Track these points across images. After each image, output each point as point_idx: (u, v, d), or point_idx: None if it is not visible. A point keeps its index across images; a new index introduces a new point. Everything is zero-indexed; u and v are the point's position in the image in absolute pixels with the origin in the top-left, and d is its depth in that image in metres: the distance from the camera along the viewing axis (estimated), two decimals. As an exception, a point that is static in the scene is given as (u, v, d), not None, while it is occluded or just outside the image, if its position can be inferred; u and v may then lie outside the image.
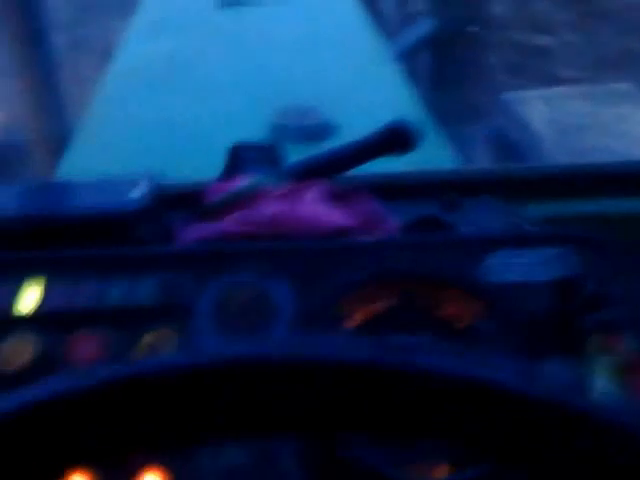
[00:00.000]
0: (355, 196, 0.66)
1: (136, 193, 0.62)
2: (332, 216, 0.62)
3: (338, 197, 0.66)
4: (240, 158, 0.78)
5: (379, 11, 2.73)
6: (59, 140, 1.87)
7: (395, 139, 0.69)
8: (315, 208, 0.62)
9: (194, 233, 0.63)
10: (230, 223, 0.62)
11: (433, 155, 1.22)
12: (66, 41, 2.92)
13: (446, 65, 2.36)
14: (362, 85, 1.56)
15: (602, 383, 0.48)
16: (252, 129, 1.36)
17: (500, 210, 0.79)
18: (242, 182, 0.66)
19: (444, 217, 0.77)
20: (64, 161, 1.26)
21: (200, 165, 0.84)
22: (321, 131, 1.37)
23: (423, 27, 2.32)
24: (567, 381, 0.49)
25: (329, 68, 1.63)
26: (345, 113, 1.42)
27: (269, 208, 0.63)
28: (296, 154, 1.36)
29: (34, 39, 2.27)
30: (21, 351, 0.52)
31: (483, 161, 2.18)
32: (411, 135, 0.69)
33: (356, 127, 1.39)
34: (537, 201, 0.83)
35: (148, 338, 0.52)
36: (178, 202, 0.70)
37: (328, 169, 0.71)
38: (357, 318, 0.54)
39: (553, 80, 2.90)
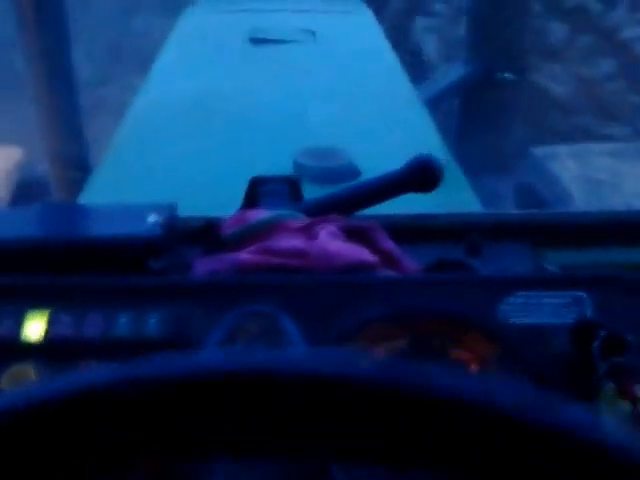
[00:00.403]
0: (373, 234, 0.65)
1: (153, 221, 0.62)
2: (351, 250, 0.61)
3: (356, 234, 0.65)
4: (259, 191, 0.78)
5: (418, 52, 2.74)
6: (81, 176, 1.89)
7: (419, 175, 0.68)
8: (334, 242, 0.61)
9: (209, 265, 0.62)
10: (246, 255, 0.61)
11: (456, 199, 1.21)
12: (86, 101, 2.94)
13: (478, 112, 2.35)
14: (388, 128, 1.56)
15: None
16: (274, 168, 1.36)
17: (523, 256, 0.77)
18: (260, 215, 0.66)
19: (466, 261, 0.76)
20: (85, 194, 1.27)
21: (219, 201, 0.84)
22: (344, 173, 1.36)
23: (455, 72, 2.32)
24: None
25: (355, 109, 1.63)
26: (369, 156, 1.41)
27: (287, 241, 0.62)
28: (317, 196, 1.37)
29: (58, 71, 2.32)
30: (24, 380, 0.51)
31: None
32: (436, 172, 0.68)
33: (379, 171, 1.39)
34: (561, 248, 0.82)
35: None
36: (194, 236, 0.69)
37: (349, 205, 0.70)
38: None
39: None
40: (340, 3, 2.86)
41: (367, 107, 1.65)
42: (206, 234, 0.66)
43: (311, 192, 1.33)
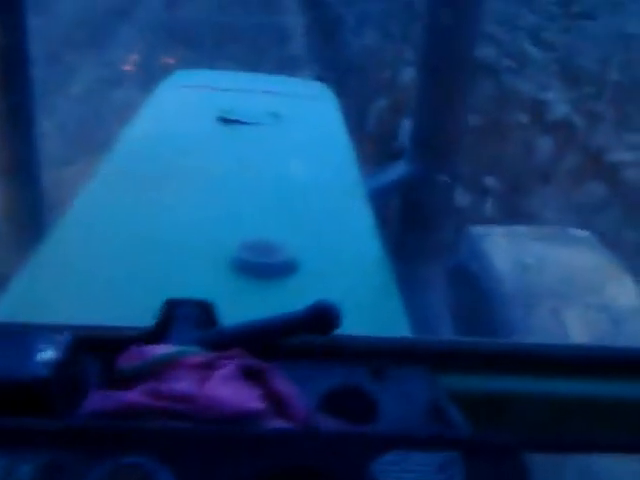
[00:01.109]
0: (268, 375, 0.66)
1: (44, 360, 0.62)
2: (240, 398, 0.61)
3: (251, 374, 0.66)
4: (172, 315, 0.79)
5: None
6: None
7: (317, 320, 0.69)
8: (224, 387, 0.62)
9: (99, 402, 0.62)
10: (137, 395, 0.62)
11: (386, 318, 1.23)
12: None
13: (417, 207, 2.46)
14: (330, 224, 1.59)
15: None
16: (214, 262, 1.37)
17: (425, 382, 0.79)
18: (158, 351, 0.66)
19: (367, 387, 0.78)
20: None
21: (144, 302, 0.84)
22: (281, 269, 1.38)
23: (398, 170, 2.42)
24: None
25: (302, 201, 1.66)
26: (310, 252, 1.44)
27: (179, 383, 0.63)
28: (257, 290, 1.37)
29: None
30: None
31: (444, 296, 2.23)
32: (333, 319, 0.70)
33: (318, 267, 1.41)
34: (462, 374, 0.84)
35: None
36: (100, 351, 0.70)
37: (250, 340, 0.72)
38: None
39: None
40: (307, 87, 2.94)
41: (313, 199, 1.68)
42: (104, 367, 0.66)
43: (251, 287, 1.35)
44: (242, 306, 1.29)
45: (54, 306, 1.16)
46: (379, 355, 0.80)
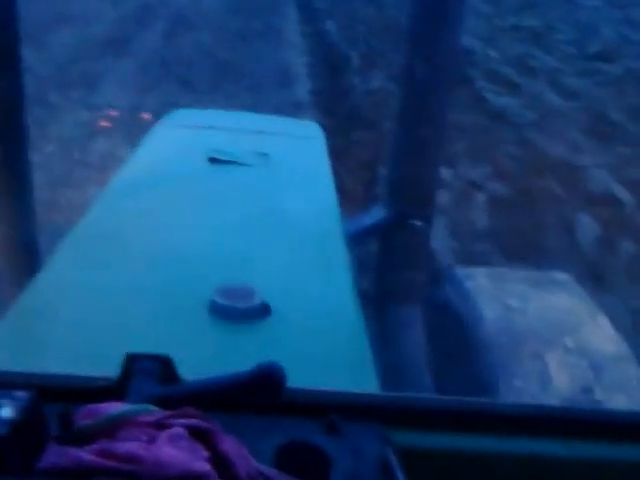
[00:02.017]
0: (213, 435, 0.69)
1: (6, 413, 0.65)
2: (184, 459, 0.65)
3: (199, 434, 0.69)
4: (133, 369, 0.83)
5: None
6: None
7: (263, 383, 0.73)
8: (169, 448, 0.65)
9: (54, 458, 0.66)
10: (88, 454, 0.65)
11: (354, 367, 1.27)
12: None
13: (393, 250, 2.51)
14: (307, 268, 1.63)
15: None
16: (188, 305, 1.41)
17: (375, 437, 0.82)
18: (112, 409, 0.70)
19: (319, 441, 0.81)
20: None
21: (117, 347, 0.88)
22: (255, 313, 1.42)
23: (376, 215, 2.48)
24: None
25: (278, 247, 1.70)
26: (285, 296, 1.48)
27: (128, 443, 0.66)
28: (229, 333, 1.41)
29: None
30: None
31: (421, 336, 2.26)
32: (278, 382, 0.73)
33: (291, 311, 1.45)
34: (415, 431, 0.87)
35: None
36: (60, 402, 0.73)
37: (199, 399, 0.75)
38: None
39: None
40: (298, 126, 3.00)
41: (293, 242, 1.73)
42: (63, 418, 0.70)
43: (225, 330, 1.39)
44: (216, 349, 1.34)
45: (28, 351, 1.20)
46: (331, 410, 0.83)
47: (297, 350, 1.29)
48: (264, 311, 1.43)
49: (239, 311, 1.41)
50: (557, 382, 2.21)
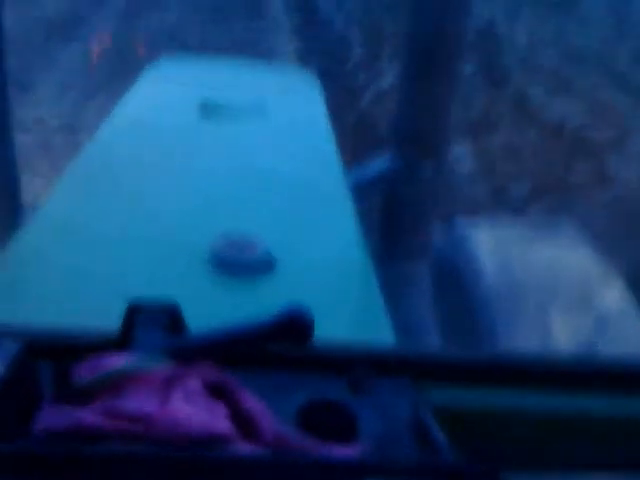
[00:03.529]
0: (234, 391, 0.60)
1: None
2: (203, 419, 0.56)
3: (218, 390, 0.60)
4: (136, 320, 0.73)
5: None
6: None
7: (289, 329, 0.64)
8: (186, 407, 0.56)
9: (51, 418, 0.56)
10: (90, 414, 0.56)
11: (368, 321, 1.18)
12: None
13: (399, 202, 2.41)
14: (311, 220, 1.54)
15: None
16: (188, 258, 1.31)
17: (406, 395, 0.74)
18: (117, 362, 0.61)
19: (346, 400, 0.73)
20: None
21: (113, 301, 0.78)
22: (259, 266, 1.33)
23: (381, 164, 2.37)
24: None
25: (281, 197, 1.60)
26: (289, 248, 1.38)
27: (138, 401, 0.57)
28: (232, 288, 1.32)
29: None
30: None
31: (428, 293, 2.17)
32: (306, 327, 0.64)
33: (296, 264, 1.36)
34: (444, 386, 0.79)
35: None
36: (55, 358, 0.64)
37: (217, 350, 0.66)
38: None
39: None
40: (292, 76, 2.87)
41: (294, 194, 1.62)
42: (60, 375, 0.60)
43: (226, 285, 1.29)
44: (217, 305, 1.24)
45: (20, 301, 1.10)
46: (358, 365, 0.75)
47: (306, 305, 1.20)
48: (268, 263, 1.33)
49: (241, 264, 1.31)
50: (559, 335, 2.16)
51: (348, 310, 1.21)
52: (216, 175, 1.68)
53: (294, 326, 0.63)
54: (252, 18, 8.00)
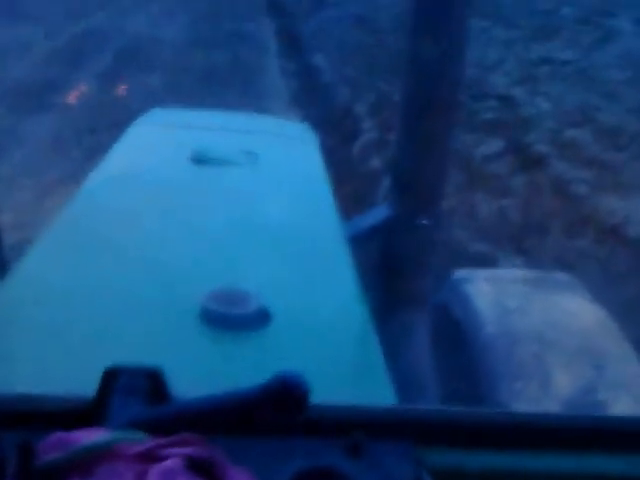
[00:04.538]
0: (220, 467, 0.53)
1: None
2: None
3: (200, 466, 0.53)
4: (113, 386, 0.66)
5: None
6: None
7: (283, 399, 0.56)
8: None
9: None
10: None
11: (367, 378, 1.11)
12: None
13: (399, 251, 2.37)
14: (307, 272, 1.47)
15: None
16: (179, 313, 1.25)
17: (406, 458, 0.68)
18: (88, 438, 0.54)
19: (343, 466, 0.67)
20: None
21: (100, 363, 0.72)
22: (253, 320, 1.26)
23: (380, 214, 2.33)
24: None
25: (276, 251, 1.54)
26: (285, 301, 1.32)
27: (111, 478, 0.50)
28: (224, 343, 1.24)
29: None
30: None
31: (426, 342, 2.10)
32: (301, 398, 0.56)
33: (293, 317, 1.29)
34: (447, 449, 0.73)
35: None
36: (20, 429, 0.57)
37: (201, 421, 0.59)
38: None
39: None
40: (288, 126, 2.84)
41: (290, 245, 1.56)
42: (21, 454, 0.53)
43: (219, 340, 1.22)
44: (209, 362, 1.16)
45: None
46: (356, 428, 0.68)
47: (302, 362, 1.13)
48: (263, 318, 1.26)
49: (234, 318, 1.25)
50: (559, 383, 2.10)
51: (346, 368, 1.14)
52: (210, 227, 1.62)
53: (287, 397, 0.56)
54: (247, 83, 7.57)
